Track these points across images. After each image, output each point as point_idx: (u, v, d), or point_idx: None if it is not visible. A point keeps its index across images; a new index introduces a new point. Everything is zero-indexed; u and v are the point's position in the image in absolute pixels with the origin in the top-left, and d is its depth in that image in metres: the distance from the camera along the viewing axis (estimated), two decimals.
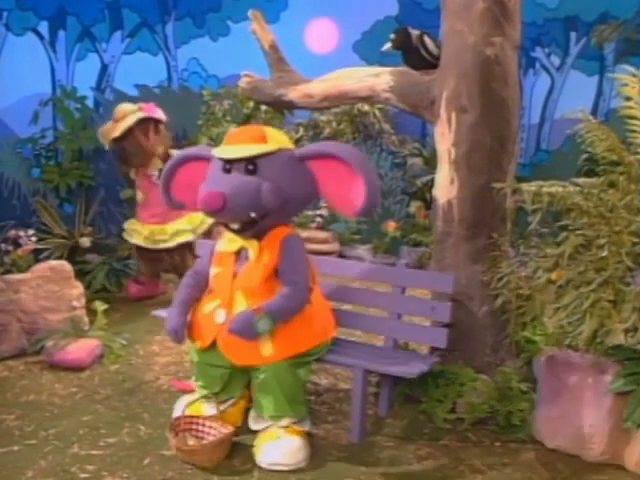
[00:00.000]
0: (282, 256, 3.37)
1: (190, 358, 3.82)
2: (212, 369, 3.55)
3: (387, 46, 4.10)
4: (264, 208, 3.30)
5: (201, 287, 3.60)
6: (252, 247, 3.40)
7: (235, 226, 3.38)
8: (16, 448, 3.47)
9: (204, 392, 3.61)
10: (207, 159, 3.54)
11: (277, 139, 3.45)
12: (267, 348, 3.34)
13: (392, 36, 4.08)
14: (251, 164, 3.32)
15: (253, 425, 3.56)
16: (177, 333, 3.47)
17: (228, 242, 3.51)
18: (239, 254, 3.46)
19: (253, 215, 3.30)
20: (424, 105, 4.06)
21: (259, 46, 4.66)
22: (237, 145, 3.38)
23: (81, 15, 7.44)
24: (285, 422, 3.43)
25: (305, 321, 3.42)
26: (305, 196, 3.51)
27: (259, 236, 3.41)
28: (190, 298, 3.59)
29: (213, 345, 3.46)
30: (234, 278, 3.42)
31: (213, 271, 3.53)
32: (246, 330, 3.27)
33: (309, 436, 3.53)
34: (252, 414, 3.60)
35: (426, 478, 3.31)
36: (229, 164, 3.36)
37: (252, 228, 3.37)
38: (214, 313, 3.44)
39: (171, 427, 3.44)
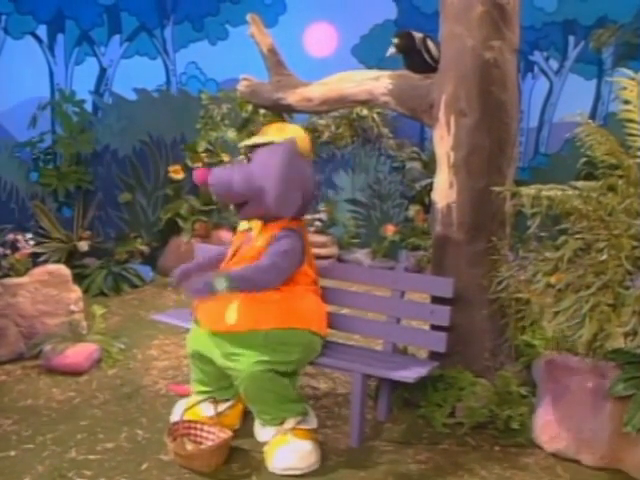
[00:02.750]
0: (271, 243, 3.50)
1: (188, 362, 3.81)
2: (205, 365, 3.58)
3: (391, 51, 4.07)
4: (237, 192, 3.55)
5: (214, 261, 3.78)
6: (256, 227, 3.62)
7: (230, 206, 3.74)
8: (13, 453, 3.46)
9: (200, 388, 3.61)
10: None
11: (281, 133, 3.60)
12: (231, 316, 3.38)
13: (396, 40, 4.05)
14: (251, 153, 3.62)
15: (259, 436, 3.54)
16: (182, 269, 3.68)
17: (241, 223, 3.76)
18: (247, 232, 3.67)
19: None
20: (423, 109, 4.05)
21: (258, 50, 4.65)
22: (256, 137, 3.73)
23: (80, 19, 7.44)
24: (290, 424, 3.42)
25: (277, 303, 3.43)
26: (291, 189, 3.52)
27: (264, 222, 3.60)
28: (204, 263, 3.80)
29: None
30: (236, 254, 3.60)
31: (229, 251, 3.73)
32: (201, 286, 3.35)
33: (316, 434, 3.52)
34: (257, 425, 3.58)
35: None
36: (251, 153, 3.66)
37: (243, 210, 3.59)
38: None
39: (169, 432, 3.43)
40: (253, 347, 3.35)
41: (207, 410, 3.56)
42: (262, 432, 3.52)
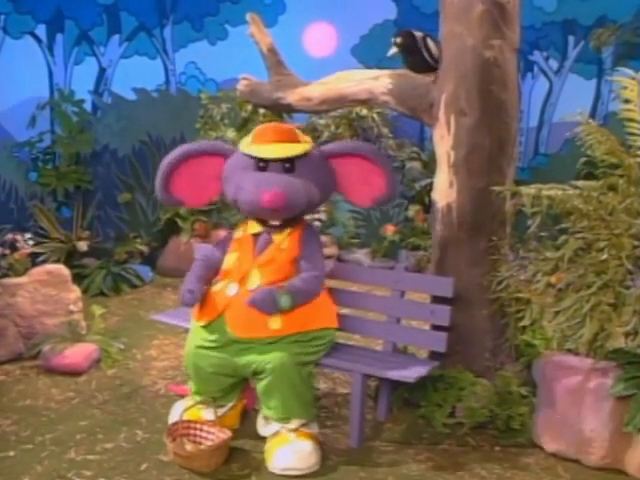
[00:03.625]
0: (303, 244, 3.55)
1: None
2: (217, 377, 3.54)
3: (393, 50, 3.99)
4: (311, 206, 3.58)
5: (213, 270, 3.63)
6: (281, 236, 3.54)
7: (276, 222, 3.51)
8: (12, 453, 3.45)
9: (198, 398, 3.59)
10: (217, 155, 3.63)
11: (306, 138, 3.67)
12: (276, 322, 3.39)
13: (398, 39, 3.97)
14: (288, 163, 3.49)
15: (262, 431, 3.54)
16: (192, 293, 3.44)
17: (250, 226, 3.60)
18: (258, 237, 3.55)
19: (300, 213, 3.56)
20: (423, 108, 4.04)
21: (257, 49, 4.64)
22: (273, 144, 3.51)
23: (79, 19, 7.44)
24: (294, 425, 3.41)
25: (313, 303, 3.51)
26: (330, 191, 3.76)
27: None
28: (205, 274, 3.61)
29: (218, 331, 3.45)
30: (253, 258, 3.51)
31: (230, 256, 3.58)
32: (267, 304, 3.35)
33: (318, 437, 3.52)
34: (260, 420, 3.58)
35: None
36: (264, 162, 3.50)
37: (289, 223, 3.53)
38: (225, 288, 3.50)
39: (169, 432, 3.42)
40: (288, 343, 3.41)
41: (207, 415, 3.54)
42: (266, 427, 3.52)
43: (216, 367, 3.50)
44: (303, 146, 3.58)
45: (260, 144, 3.53)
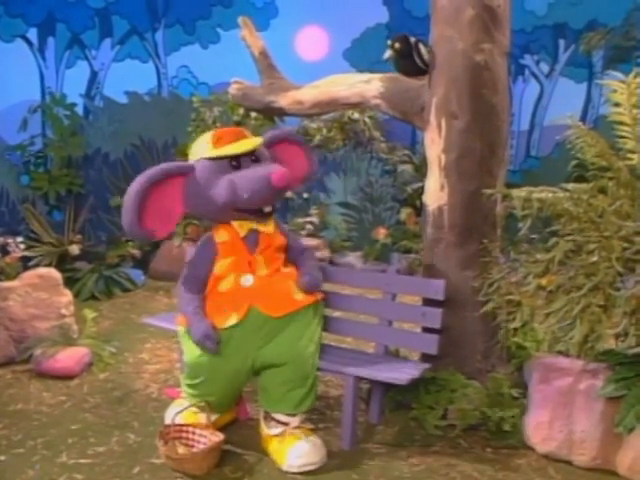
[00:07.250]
0: (282, 231, 3.74)
1: (180, 366, 3.78)
2: (229, 385, 3.54)
3: (388, 54, 4.02)
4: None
5: (202, 291, 3.56)
6: (268, 224, 3.61)
7: (269, 209, 3.58)
8: (3, 458, 3.44)
9: (194, 401, 3.58)
10: (179, 174, 3.50)
11: (249, 134, 3.76)
12: (298, 294, 3.55)
13: (396, 45, 3.96)
14: (254, 155, 3.57)
15: (267, 429, 3.54)
16: (210, 337, 3.36)
17: (238, 229, 3.55)
18: (247, 238, 3.54)
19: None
20: (414, 111, 4.06)
21: (249, 53, 4.66)
22: (233, 144, 3.53)
23: (70, 22, 7.44)
24: (296, 422, 3.48)
25: None
26: None
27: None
28: (201, 304, 3.51)
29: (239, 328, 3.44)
30: (251, 254, 3.53)
31: (224, 262, 3.52)
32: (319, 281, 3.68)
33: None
34: (262, 419, 3.58)
35: None
36: (236, 161, 3.52)
37: (273, 212, 3.66)
38: (238, 282, 3.48)
39: (161, 435, 3.41)
40: (307, 323, 3.54)
41: (201, 418, 3.54)
42: (269, 424, 3.53)
43: (233, 371, 3.47)
44: (257, 138, 3.65)
45: (222, 146, 3.51)
